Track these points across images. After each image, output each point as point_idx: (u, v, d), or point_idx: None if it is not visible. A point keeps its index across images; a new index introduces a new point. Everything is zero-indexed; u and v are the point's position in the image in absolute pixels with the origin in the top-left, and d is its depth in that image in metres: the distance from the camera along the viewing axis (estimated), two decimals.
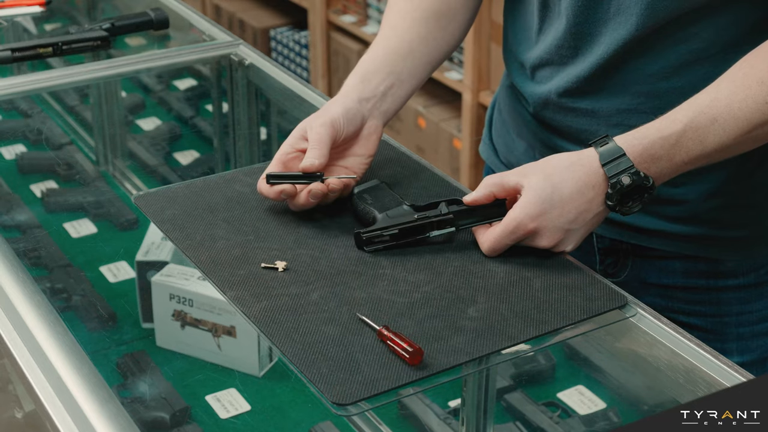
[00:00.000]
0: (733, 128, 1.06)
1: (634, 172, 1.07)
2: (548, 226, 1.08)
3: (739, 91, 1.06)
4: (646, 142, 1.07)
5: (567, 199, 1.07)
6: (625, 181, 1.07)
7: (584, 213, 1.09)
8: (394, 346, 0.99)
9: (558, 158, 1.11)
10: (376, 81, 1.23)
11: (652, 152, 1.07)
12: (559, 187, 1.07)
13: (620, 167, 1.07)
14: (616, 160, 1.07)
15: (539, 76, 1.26)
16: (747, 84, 1.06)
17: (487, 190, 1.12)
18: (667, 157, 1.07)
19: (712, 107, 1.06)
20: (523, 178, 1.09)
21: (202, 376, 1.58)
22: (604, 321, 1.08)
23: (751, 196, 1.23)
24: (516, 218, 1.09)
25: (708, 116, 1.06)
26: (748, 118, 1.06)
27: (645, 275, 1.27)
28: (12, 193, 1.98)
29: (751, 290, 1.26)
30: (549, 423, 1.47)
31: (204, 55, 1.77)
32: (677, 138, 1.07)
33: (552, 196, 1.07)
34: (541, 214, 1.08)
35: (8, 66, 1.67)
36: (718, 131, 1.06)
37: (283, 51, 4.04)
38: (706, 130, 1.06)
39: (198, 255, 1.15)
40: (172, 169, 2.03)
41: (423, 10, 1.27)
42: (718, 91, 1.07)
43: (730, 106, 1.06)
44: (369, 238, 1.15)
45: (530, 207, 1.08)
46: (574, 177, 1.08)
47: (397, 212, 1.16)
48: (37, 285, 1.12)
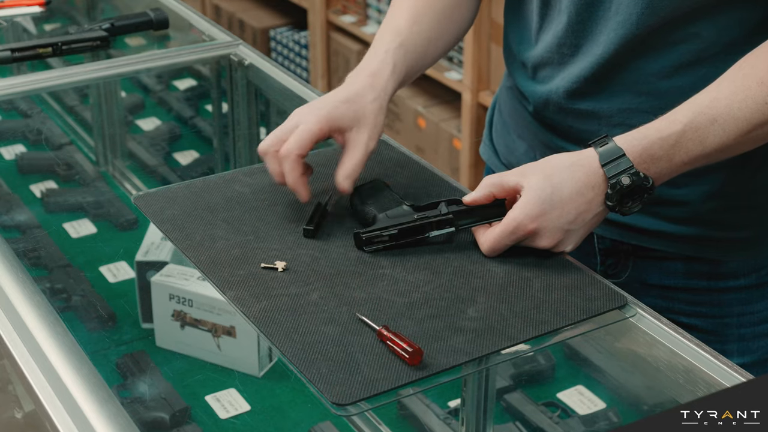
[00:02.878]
0: (733, 129, 1.06)
1: (633, 172, 1.07)
2: (548, 226, 1.08)
3: (739, 92, 1.06)
4: (646, 143, 1.07)
5: (567, 199, 1.07)
6: (624, 182, 1.07)
7: (584, 213, 1.09)
8: (393, 346, 0.99)
9: (558, 158, 1.11)
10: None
11: (652, 152, 1.07)
12: (559, 187, 1.07)
13: (620, 168, 1.07)
14: (616, 160, 1.07)
15: (540, 76, 1.26)
16: (747, 84, 1.06)
17: (486, 190, 1.12)
18: (666, 158, 1.07)
19: (711, 108, 1.06)
20: (523, 178, 1.09)
21: (202, 376, 1.58)
22: (603, 321, 1.08)
23: (752, 197, 1.23)
24: (516, 219, 1.09)
25: (708, 117, 1.06)
26: (748, 119, 1.06)
27: (646, 276, 1.27)
28: (12, 193, 1.98)
29: (753, 291, 1.26)
30: (549, 423, 1.47)
31: (204, 56, 1.77)
32: (677, 138, 1.07)
33: (552, 196, 1.07)
34: (541, 215, 1.08)
35: (8, 66, 1.67)
36: (718, 131, 1.06)
37: (282, 51, 4.04)
38: (705, 130, 1.06)
39: (198, 255, 1.14)
40: (172, 169, 2.03)
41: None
42: (718, 92, 1.07)
43: (730, 107, 1.06)
44: (368, 238, 1.14)
45: (530, 207, 1.08)
46: (574, 177, 1.08)
47: (396, 212, 1.16)
48: (37, 285, 1.12)
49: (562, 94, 1.22)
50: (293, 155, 1.16)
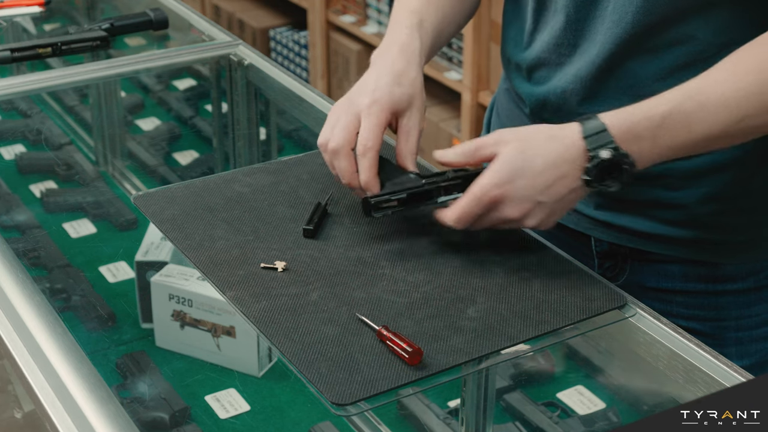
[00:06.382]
0: (722, 116, 1.05)
1: (614, 147, 1.06)
2: (515, 195, 1.07)
3: (730, 79, 1.05)
4: (631, 120, 1.06)
5: (538, 170, 1.06)
6: (604, 155, 1.06)
7: (556, 187, 1.07)
8: (393, 346, 0.99)
9: (537, 128, 1.10)
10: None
11: (636, 131, 1.06)
12: (531, 158, 1.07)
13: (600, 141, 1.06)
14: (598, 134, 1.06)
15: (536, 77, 1.26)
16: (739, 72, 1.05)
17: (460, 157, 1.11)
18: (650, 138, 1.06)
19: (701, 93, 1.06)
20: (497, 146, 1.09)
21: (202, 376, 1.58)
22: (603, 321, 1.08)
23: (749, 200, 1.22)
24: (482, 185, 1.08)
25: (696, 101, 1.06)
26: (738, 107, 1.05)
27: (644, 279, 1.27)
28: (11, 193, 1.98)
29: (751, 294, 1.26)
30: (548, 423, 1.47)
31: (203, 55, 1.77)
32: (662, 119, 1.06)
33: (523, 166, 1.06)
34: (508, 182, 1.07)
35: (8, 66, 1.67)
36: (706, 117, 1.05)
37: (282, 51, 4.04)
38: (693, 115, 1.05)
39: (197, 255, 1.14)
40: (172, 169, 2.03)
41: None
42: (709, 78, 1.07)
43: (720, 93, 1.05)
44: (377, 203, 1.13)
45: (497, 175, 1.07)
46: (549, 149, 1.07)
47: (404, 179, 1.15)
48: (37, 285, 1.12)
49: (560, 95, 1.22)
50: (372, 152, 1.14)
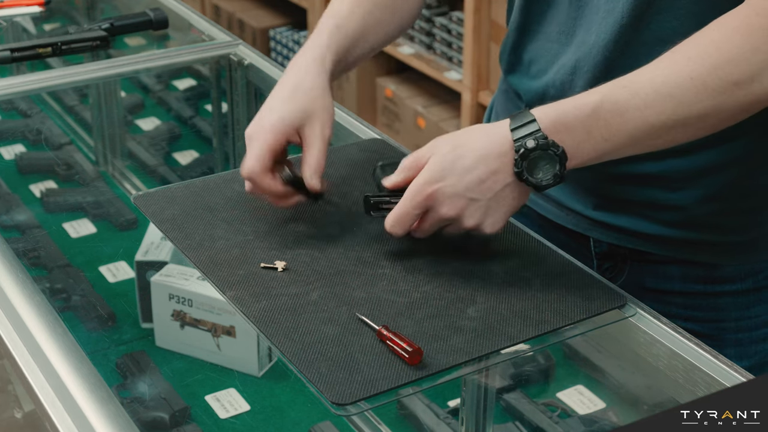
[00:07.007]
0: (657, 104, 1.03)
1: (540, 135, 1.05)
2: (446, 192, 1.07)
3: (663, 66, 1.05)
4: (559, 111, 1.06)
5: (469, 167, 1.07)
6: (529, 145, 1.05)
7: (488, 183, 1.07)
8: (393, 345, 0.99)
9: (472, 128, 1.11)
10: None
11: (565, 121, 1.05)
12: (462, 155, 1.07)
13: (526, 131, 1.06)
14: (525, 125, 1.06)
15: (534, 71, 1.26)
16: (674, 60, 1.04)
17: (403, 174, 1.11)
18: (582, 128, 1.05)
19: (634, 81, 1.05)
20: (432, 149, 1.09)
21: (202, 376, 1.58)
22: (603, 321, 1.08)
23: (748, 201, 1.22)
24: (414, 183, 1.08)
25: (629, 90, 1.05)
26: (671, 94, 1.03)
27: (642, 280, 1.27)
28: (11, 193, 1.98)
29: (750, 296, 1.26)
30: (548, 423, 1.47)
31: (203, 55, 1.77)
32: (592, 108, 1.05)
33: (454, 163, 1.07)
34: (440, 180, 1.07)
35: (7, 66, 1.67)
36: (639, 105, 1.04)
37: (282, 51, 4.04)
38: (626, 103, 1.04)
39: (197, 255, 1.14)
40: (172, 169, 2.03)
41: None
42: (646, 68, 1.06)
43: (652, 80, 1.04)
44: (375, 203, 1.14)
45: (428, 173, 1.07)
46: (479, 145, 1.07)
47: None
48: (37, 285, 1.12)
49: (558, 87, 1.22)
50: (258, 177, 1.16)
